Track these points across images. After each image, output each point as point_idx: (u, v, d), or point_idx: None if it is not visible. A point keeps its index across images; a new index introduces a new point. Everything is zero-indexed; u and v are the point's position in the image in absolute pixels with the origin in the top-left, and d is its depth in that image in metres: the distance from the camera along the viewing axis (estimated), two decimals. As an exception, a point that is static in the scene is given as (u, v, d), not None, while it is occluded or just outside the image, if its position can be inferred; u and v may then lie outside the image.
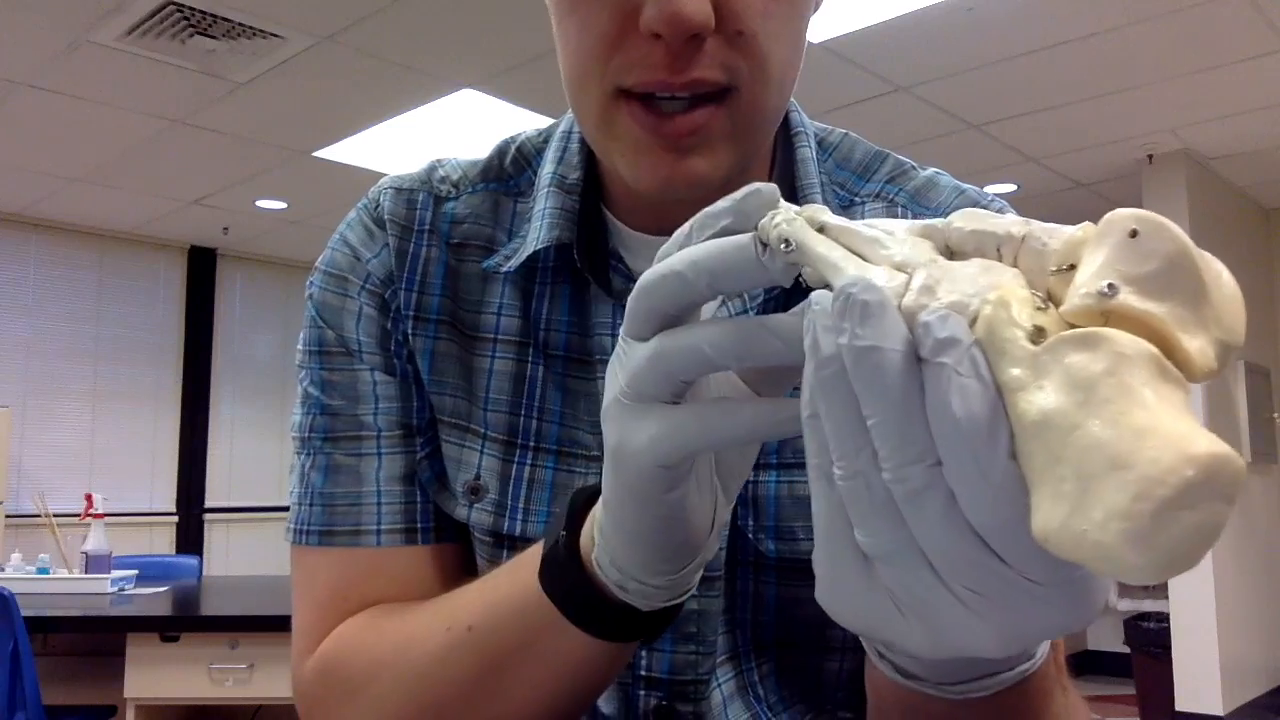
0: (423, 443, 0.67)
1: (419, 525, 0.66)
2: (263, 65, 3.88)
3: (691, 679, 0.63)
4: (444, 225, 0.68)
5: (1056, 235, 0.33)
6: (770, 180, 0.68)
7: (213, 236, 6.55)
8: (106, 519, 3.77)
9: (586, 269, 0.65)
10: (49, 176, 5.30)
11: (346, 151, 4.89)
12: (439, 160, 0.72)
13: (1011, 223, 0.34)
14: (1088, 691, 5.96)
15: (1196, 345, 0.30)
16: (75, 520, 4.13)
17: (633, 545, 0.45)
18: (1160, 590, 5.63)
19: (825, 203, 0.67)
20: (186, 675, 2.97)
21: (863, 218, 0.68)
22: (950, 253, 0.36)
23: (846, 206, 0.69)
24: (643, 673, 0.63)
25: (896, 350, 0.31)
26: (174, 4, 3.37)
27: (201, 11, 3.43)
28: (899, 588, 0.33)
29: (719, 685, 0.63)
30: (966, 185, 0.71)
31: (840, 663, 0.64)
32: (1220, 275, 0.31)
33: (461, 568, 0.67)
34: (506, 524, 0.64)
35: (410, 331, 0.66)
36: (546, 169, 0.68)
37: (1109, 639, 6.30)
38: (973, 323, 0.31)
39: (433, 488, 0.66)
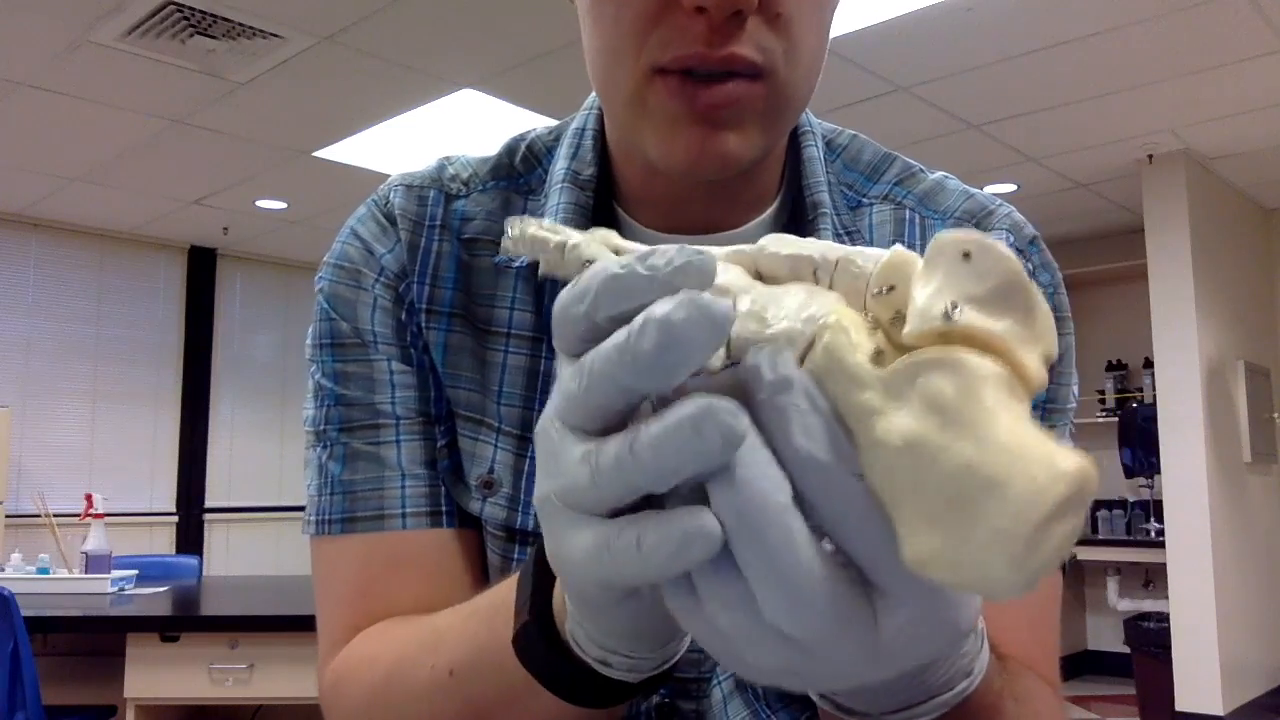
0: (442, 431, 0.67)
1: (443, 508, 0.65)
2: (263, 65, 3.88)
3: (694, 677, 0.63)
4: (455, 221, 0.69)
5: (869, 257, 0.34)
6: (781, 180, 0.68)
7: (213, 236, 6.55)
8: (106, 519, 3.77)
9: None
10: (49, 176, 5.30)
11: (346, 151, 4.88)
12: (448, 158, 0.72)
13: (825, 247, 0.35)
14: (1088, 691, 5.96)
15: (1032, 360, 0.30)
16: (75, 520, 4.12)
17: (608, 635, 0.40)
18: (1160, 590, 5.63)
19: (833, 203, 0.67)
20: (186, 675, 2.96)
21: (870, 220, 0.68)
22: (761, 278, 0.35)
23: (854, 208, 0.69)
24: None
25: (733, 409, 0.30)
26: (174, 4, 3.38)
27: (201, 11, 3.43)
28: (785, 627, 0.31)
29: (719, 683, 0.63)
30: (975, 189, 0.71)
31: None
32: (1037, 289, 0.32)
33: (485, 556, 0.67)
34: (519, 519, 0.64)
35: (424, 324, 0.66)
36: (559, 165, 0.68)
37: (1109, 639, 6.31)
38: (806, 348, 0.31)
39: (448, 480, 0.66)
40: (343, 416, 0.66)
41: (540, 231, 0.39)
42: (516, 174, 0.71)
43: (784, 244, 0.35)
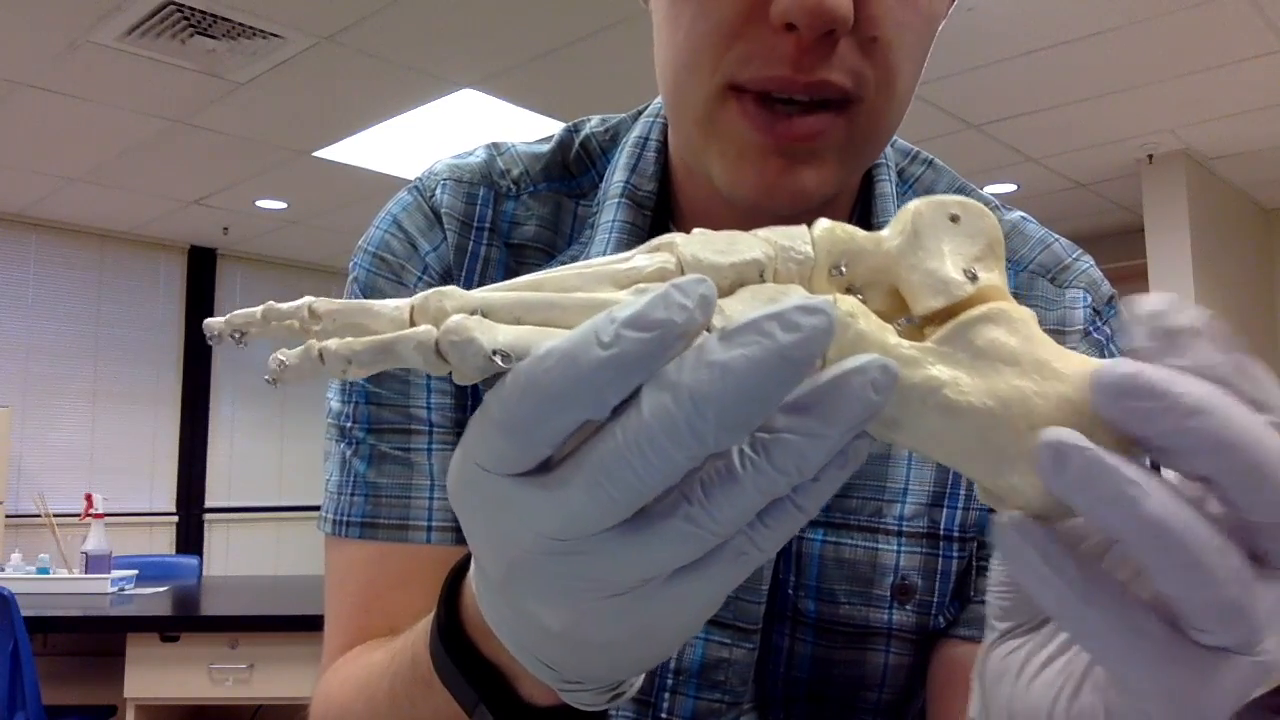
0: None
1: None
2: (263, 65, 3.88)
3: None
4: (504, 225, 0.65)
5: (799, 239, 0.33)
6: (851, 216, 0.64)
7: (213, 236, 6.54)
8: (106, 519, 3.77)
9: None
10: (49, 176, 5.30)
11: (346, 151, 4.88)
12: (497, 146, 0.68)
13: (755, 244, 0.32)
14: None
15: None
16: (75, 520, 4.12)
17: (580, 665, 0.34)
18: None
19: None
20: (186, 675, 2.97)
21: None
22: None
23: None
24: (664, 715, 0.61)
25: None
26: (174, 4, 3.37)
27: (201, 11, 3.43)
28: None
29: None
30: (1053, 235, 0.68)
31: None
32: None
33: None
34: None
35: None
36: (618, 176, 0.64)
37: (1109, 639, 6.30)
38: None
39: None
40: (372, 416, 0.62)
41: (344, 344, 0.31)
42: (569, 175, 0.67)
43: (713, 250, 0.32)
